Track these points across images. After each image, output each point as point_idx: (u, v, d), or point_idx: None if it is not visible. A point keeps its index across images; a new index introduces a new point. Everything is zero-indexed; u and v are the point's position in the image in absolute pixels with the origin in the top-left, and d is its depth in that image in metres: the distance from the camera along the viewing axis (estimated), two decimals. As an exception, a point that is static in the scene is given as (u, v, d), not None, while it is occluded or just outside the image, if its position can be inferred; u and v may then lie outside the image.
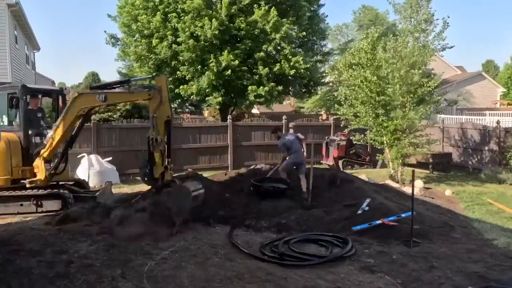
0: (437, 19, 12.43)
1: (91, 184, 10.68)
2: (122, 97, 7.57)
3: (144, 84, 9.08)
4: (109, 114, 16.40)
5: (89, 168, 11.65)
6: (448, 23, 12.18)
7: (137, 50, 18.12)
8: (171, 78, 18.23)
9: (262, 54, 17.44)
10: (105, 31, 20.37)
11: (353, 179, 10.06)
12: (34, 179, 7.89)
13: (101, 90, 7.15)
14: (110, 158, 12.56)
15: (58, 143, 7.68)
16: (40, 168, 7.90)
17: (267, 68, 17.34)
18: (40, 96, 9.14)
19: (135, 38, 18.95)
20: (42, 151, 7.81)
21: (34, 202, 7.92)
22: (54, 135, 7.56)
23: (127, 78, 8.14)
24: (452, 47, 12.72)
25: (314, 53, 20.42)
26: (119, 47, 20.00)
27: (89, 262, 4.90)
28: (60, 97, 9.05)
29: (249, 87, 17.51)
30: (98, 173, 11.66)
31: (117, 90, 7.17)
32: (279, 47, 17.94)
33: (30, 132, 8.28)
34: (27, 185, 7.85)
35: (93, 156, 12.10)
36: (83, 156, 12.01)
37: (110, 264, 4.91)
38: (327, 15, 20.99)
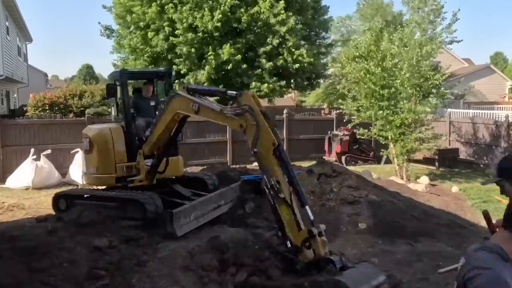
0: (445, 12, 12.40)
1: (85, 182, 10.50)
2: (213, 116, 5.82)
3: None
4: (104, 108, 16.39)
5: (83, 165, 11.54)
6: (457, 17, 12.14)
7: (132, 43, 18.05)
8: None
9: (268, 47, 17.34)
10: (99, 23, 20.34)
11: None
12: (136, 177, 7.00)
13: (198, 99, 5.89)
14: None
15: (157, 140, 6.83)
16: (140, 166, 7.00)
17: (271, 62, 17.28)
18: (153, 82, 8.22)
19: (130, 30, 18.87)
20: (143, 146, 6.99)
21: (116, 206, 6.86)
22: (154, 129, 6.75)
23: (224, 90, 6.48)
24: (460, 41, 12.70)
25: (317, 45, 20.37)
26: (114, 39, 19.94)
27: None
28: (166, 81, 8.07)
29: (253, 83, 17.43)
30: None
31: (210, 106, 5.82)
32: (281, 40, 17.88)
33: (139, 123, 7.45)
34: (130, 184, 6.96)
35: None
36: (77, 152, 11.60)
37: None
38: (329, 6, 20.89)
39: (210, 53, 16.84)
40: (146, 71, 9.46)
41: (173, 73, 8.48)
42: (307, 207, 4.62)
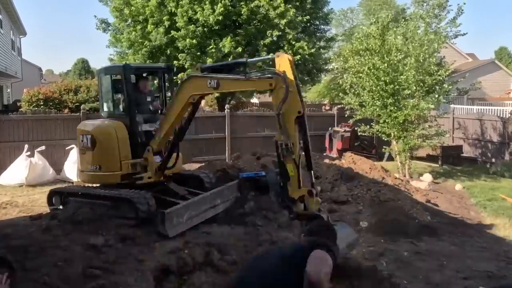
0: (450, 5, 12.36)
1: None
2: (238, 85, 6.16)
3: (264, 68, 7.02)
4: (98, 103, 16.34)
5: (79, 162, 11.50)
6: (462, 10, 12.10)
7: (130, 36, 17.99)
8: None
9: (267, 40, 17.31)
10: (95, 16, 20.23)
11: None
12: (143, 174, 7.01)
13: (214, 74, 6.07)
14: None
15: (167, 133, 6.93)
16: (150, 162, 7.04)
17: (271, 54, 17.24)
18: (150, 77, 8.36)
19: (128, 23, 18.79)
20: (151, 142, 7.04)
21: (109, 204, 6.80)
22: (163, 123, 6.86)
23: (243, 60, 6.67)
24: (465, 34, 12.66)
25: (318, 38, 20.31)
26: (111, 33, 19.84)
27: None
28: (166, 76, 8.15)
29: None
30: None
31: (231, 76, 6.06)
32: (281, 33, 17.83)
33: (138, 119, 7.45)
34: (138, 182, 6.96)
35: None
36: (72, 148, 11.52)
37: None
38: (330, -2, 20.79)
39: (211, 46, 16.81)
40: (149, 66, 9.45)
41: (174, 69, 8.46)
42: (312, 171, 5.19)
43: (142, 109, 7.62)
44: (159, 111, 7.82)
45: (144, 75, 8.13)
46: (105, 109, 7.88)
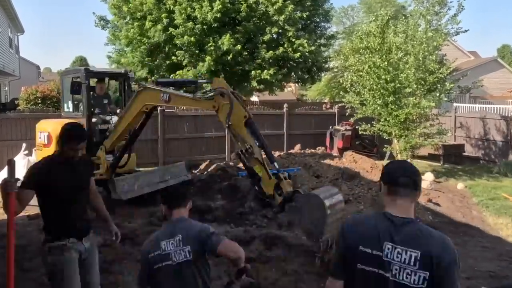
0: (451, 1, 12.34)
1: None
2: (186, 102, 6.86)
3: (207, 89, 7.60)
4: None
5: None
6: (463, 6, 12.09)
7: (129, 34, 17.98)
8: (165, 64, 18.10)
9: (267, 37, 17.33)
10: (94, 13, 20.19)
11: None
12: (96, 171, 7.35)
13: (167, 89, 6.71)
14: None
15: (121, 135, 7.54)
16: (102, 160, 7.60)
17: (271, 51, 17.26)
18: (106, 80, 9.06)
19: (126, 20, 18.79)
20: (105, 141, 7.64)
21: None
22: (118, 125, 7.45)
23: (194, 79, 7.77)
24: (466, 31, 12.64)
25: (318, 36, 20.30)
26: (109, 30, 19.84)
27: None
28: (125, 81, 8.85)
29: (252, 72, 17.43)
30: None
31: (181, 93, 6.72)
32: (280, 30, 17.82)
33: (95, 119, 8.16)
34: None
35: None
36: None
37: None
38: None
39: (210, 44, 16.80)
40: (107, 72, 10.34)
41: (133, 75, 9.28)
42: (275, 163, 5.58)
43: (98, 110, 8.36)
44: (115, 113, 8.47)
45: (106, 79, 9.03)
46: (65, 109, 8.67)
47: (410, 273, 2.02)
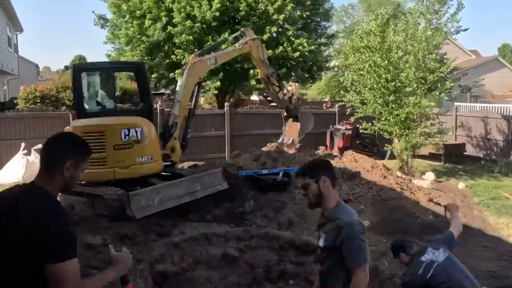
0: (451, 0, 12.33)
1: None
2: (229, 55, 9.04)
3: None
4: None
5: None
6: (463, 4, 12.09)
7: (128, 32, 17.97)
8: (164, 62, 18.10)
9: (266, 36, 17.32)
10: (93, 12, 20.24)
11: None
12: (174, 160, 8.00)
13: (209, 55, 8.12)
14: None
15: (183, 119, 8.11)
16: (177, 148, 7.96)
17: (270, 50, 17.26)
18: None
19: (126, 19, 18.79)
20: (173, 132, 7.90)
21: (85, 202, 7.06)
22: (180, 110, 7.89)
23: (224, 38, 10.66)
24: (466, 29, 12.64)
25: (318, 35, 20.30)
26: (108, 29, 19.84)
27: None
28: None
29: (251, 71, 17.43)
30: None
31: (222, 51, 8.44)
32: (280, 29, 17.82)
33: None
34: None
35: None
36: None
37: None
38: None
39: (209, 42, 16.79)
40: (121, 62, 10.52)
41: (146, 66, 9.24)
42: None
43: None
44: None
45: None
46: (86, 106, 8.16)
47: None
